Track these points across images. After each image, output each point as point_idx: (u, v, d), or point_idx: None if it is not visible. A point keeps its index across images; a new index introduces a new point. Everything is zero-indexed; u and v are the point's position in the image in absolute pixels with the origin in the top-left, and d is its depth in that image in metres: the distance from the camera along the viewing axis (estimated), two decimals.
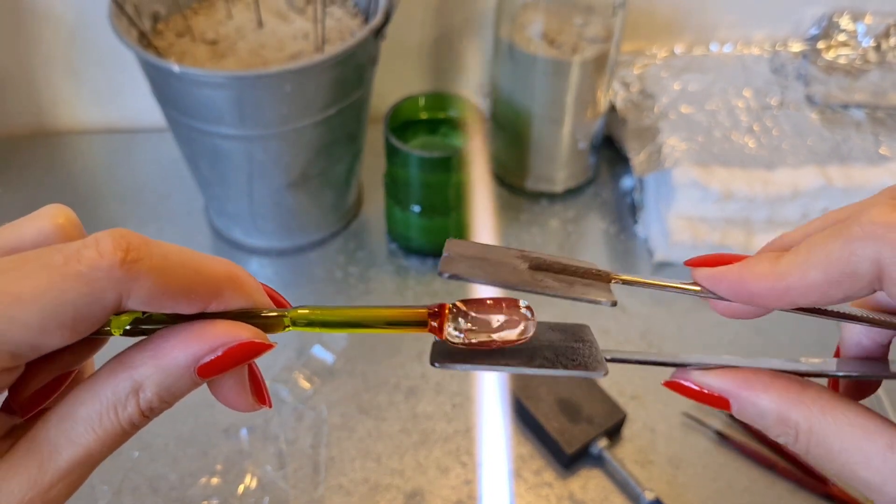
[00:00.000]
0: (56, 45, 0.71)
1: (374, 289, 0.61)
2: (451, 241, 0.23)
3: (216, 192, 0.61)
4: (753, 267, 0.22)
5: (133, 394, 0.20)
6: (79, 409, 0.20)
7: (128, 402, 0.20)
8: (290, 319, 0.22)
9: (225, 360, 0.20)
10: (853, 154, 0.62)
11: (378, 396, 0.54)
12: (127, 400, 0.20)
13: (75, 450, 0.20)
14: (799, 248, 0.21)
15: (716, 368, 0.24)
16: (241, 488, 0.49)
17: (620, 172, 0.72)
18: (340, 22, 0.59)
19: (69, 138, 0.75)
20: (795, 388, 0.22)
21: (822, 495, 0.49)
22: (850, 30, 0.73)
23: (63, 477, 0.20)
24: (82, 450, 0.20)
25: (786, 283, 0.21)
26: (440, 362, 0.22)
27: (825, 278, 0.20)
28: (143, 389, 0.20)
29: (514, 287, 0.22)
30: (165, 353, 0.20)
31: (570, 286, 0.23)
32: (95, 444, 0.20)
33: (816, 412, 0.22)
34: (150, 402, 0.20)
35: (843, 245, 0.20)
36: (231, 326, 0.21)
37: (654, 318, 0.60)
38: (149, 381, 0.20)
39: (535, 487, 0.49)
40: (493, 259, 0.22)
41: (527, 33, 0.61)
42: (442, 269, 0.21)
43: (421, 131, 0.62)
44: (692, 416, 0.53)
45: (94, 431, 0.20)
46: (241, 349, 0.21)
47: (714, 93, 0.67)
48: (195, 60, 0.55)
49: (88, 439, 0.20)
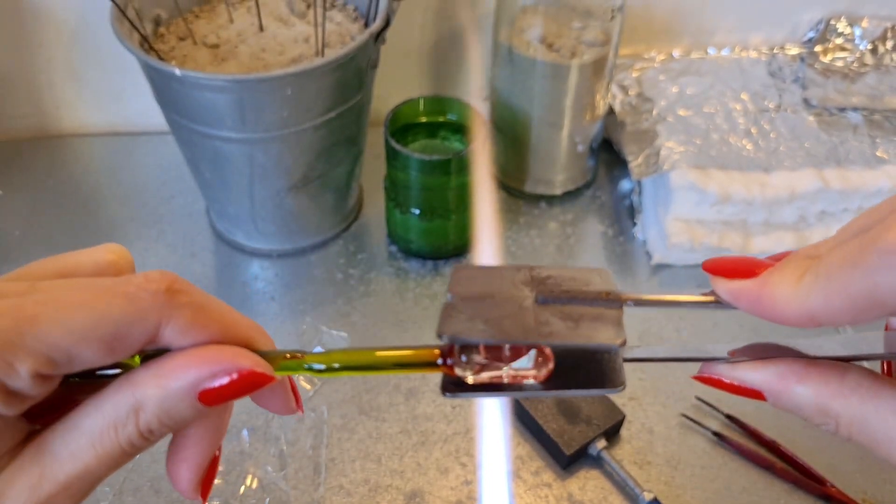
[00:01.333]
0: (58, 48, 0.71)
1: (373, 291, 0.61)
2: (456, 270, 0.22)
3: (217, 194, 0.61)
4: (774, 288, 0.21)
5: (133, 413, 0.20)
6: (83, 422, 0.20)
7: (127, 422, 0.20)
8: (306, 362, 0.22)
9: (227, 390, 0.20)
10: (850, 157, 0.63)
11: (378, 398, 0.54)
12: (127, 419, 0.20)
13: (75, 464, 0.20)
14: (819, 269, 0.20)
15: (746, 362, 0.23)
16: (242, 489, 0.49)
17: (619, 175, 0.72)
18: (341, 26, 0.60)
19: (71, 141, 0.76)
20: (835, 376, 0.21)
21: (820, 496, 0.49)
22: (846, 33, 0.73)
23: (62, 490, 0.19)
24: (82, 465, 0.20)
25: (809, 311, 0.20)
26: (451, 392, 0.22)
27: (851, 307, 0.19)
28: (144, 410, 0.20)
29: (518, 342, 0.21)
30: (168, 373, 0.20)
31: (576, 325, 0.21)
32: (94, 462, 0.20)
33: (856, 402, 0.21)
34: (149, 424, 0.20)
35: (864, 276, 0.19)
36: (237, 352, 0.20)
37: (652, 319, 0.60)
38: (149, 402, 0.20)
39: (534, 488, 0.50)
40: (497, 295, 0.21)
41: (526, 37, 0.62)
42: (440, 330, 0.20)
43: (421, 134, 0.63)
44: (690, 418, 0.53)
45: (93, 448, 0.20)
46: (242, 380, 0.20)
47: (711, 96, 0.68)
48: (196, 64, 0.56)
49: (88, 455, 0.20)
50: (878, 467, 0.51)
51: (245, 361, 0.20)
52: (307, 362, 0.22)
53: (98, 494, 0.48)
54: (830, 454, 0.52)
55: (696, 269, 0.64)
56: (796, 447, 0.52)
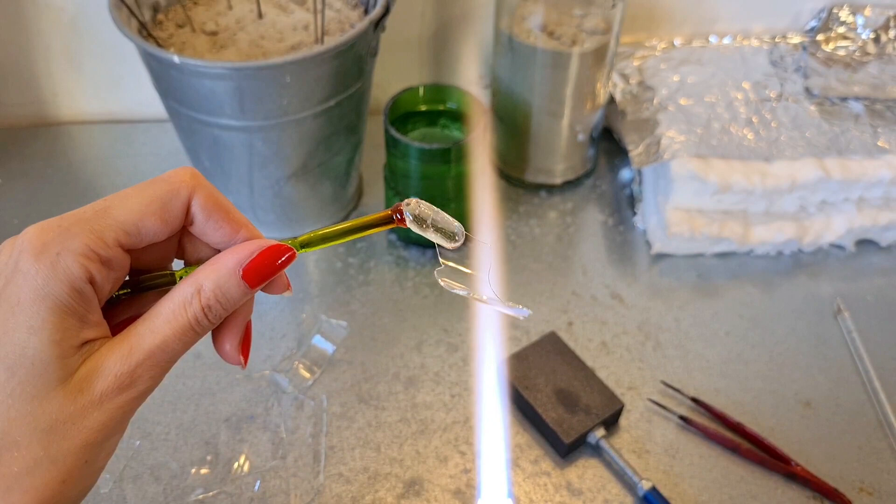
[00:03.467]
0: (56, 36, 0.71)
1: (373, 279, 0.61)
2: None
3: (216, 182, 0.61)
4: None
5: (196, 293, 0.27)
6: (159, 308, 0.27)
7: (192, 300, 0.27)
8: (298, 243, 0.29)
9: (261, 261, 0.27)
10: (851, 146, 0.62)
11: (378, 386, 0.54)
12: (192, 298, 0.27)
13: (154, 338, 0.26)
14: None
15: None
16: (241, 477, 0.49)
17: (619, 164, 0.72)
18: (340, 13, 0.59)
19: (70, 129, 0.75)
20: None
21: (785, 474, 0.50)
22: (849, 22, 0.73)
23: (147, 358, 0.26)
24: (161, 338, 0.26)
25: None
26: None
27: None
28: (203, 290, 0.27)
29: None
30: (219, 261, 0.27)
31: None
32: (170, 334, 0.26)
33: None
34: (208, 300, 0.27)
35: None
36: (263, 241, 0.28)
37: (651, 309, 0.60)
38: (207, 283, 0.27)
39: (532, 476, 0.50)
40: None
41: (526, 25, 0.61)
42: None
43: (420, 123, 0.62)
44: (656, 402, 0.53)
45: (168, 324, 0.26)
46: (271, 251, 0.28)
47: (713, 85, 0.67)
48: (195, 51, 0.55)
49: (165, 330, 0.26)
50: (875, 456, 0.51)
51: (267, 243, 0.28)
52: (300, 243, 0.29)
53: (99, 481, 0.48)
54: (808, 438, 0.52)
55: (696, 258, 0.64)
56: (763, 429, 0.52)
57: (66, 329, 0.25)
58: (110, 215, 0.26)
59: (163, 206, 0.27)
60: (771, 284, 0.62)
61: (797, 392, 0.55)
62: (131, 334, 0.26)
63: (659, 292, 0.61)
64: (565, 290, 0.61)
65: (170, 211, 0.27)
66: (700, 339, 0.58)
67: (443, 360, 0.56)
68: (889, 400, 0.54)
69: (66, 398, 0.24)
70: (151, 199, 0.27)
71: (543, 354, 0.54)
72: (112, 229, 0.26)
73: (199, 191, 0.27)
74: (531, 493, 0.49)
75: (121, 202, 0.26)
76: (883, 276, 0.63)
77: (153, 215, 0.26)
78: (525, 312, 0.29)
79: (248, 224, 0.29)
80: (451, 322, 0.58)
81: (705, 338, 0.58)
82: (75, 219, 0.25)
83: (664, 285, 0.62)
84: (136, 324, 0.27)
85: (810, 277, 0.63)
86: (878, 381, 0.55)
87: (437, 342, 0.57)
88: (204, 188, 0.28)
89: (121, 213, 0.26)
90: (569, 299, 0.61)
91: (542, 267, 0.63)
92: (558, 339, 0.55)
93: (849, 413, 0.54)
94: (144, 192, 0.27)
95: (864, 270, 0.64)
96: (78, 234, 0.25)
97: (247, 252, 0.27)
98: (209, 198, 0.28)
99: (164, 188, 0.27)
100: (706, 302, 0.61)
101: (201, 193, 0.27)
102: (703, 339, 0.58)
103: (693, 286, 0.62)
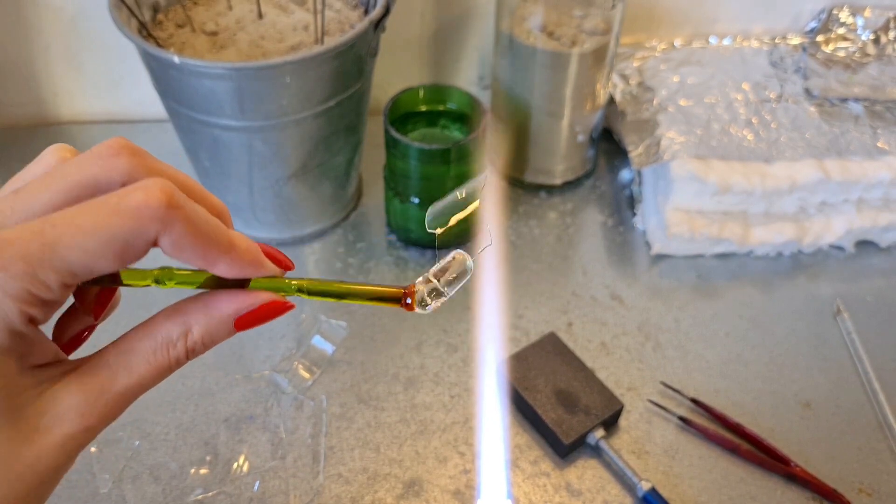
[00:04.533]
0: (56, 36, 0.71)
1: (373, 280, 0.61)
2: None
3: (216, 183, 0.61)
4: None
5: (183, 335, 0.25)
6: (137, 345, 0.24)
7: (178, 342, 0.25)
8: (295, 287, 0.26)
9: (259, 314, 0.26)
10: (851, 147, 0.63)
11: (377, 387, 0.54)
12: (178, 339, 0.25)
13: (130, 378, 0.24)
14: None
15: None
16: (241, 477, 0.49)
17: (619, 165, 0.72)
18: (340, 13, 0.59)
19: (69, 129, 0.75)
20: None
21: (784, 475, 0.50)
22: (849, 23, 0.73)
23: (118, 397, 0.24)
24: (136, 378, 0.24)
25: None
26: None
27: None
28: (192, 332, 0.25)
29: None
30: (214, 305, 0.25)
31: None
32: (147, 374, 0.24)
33: None
34: (194, 344, 0.25)
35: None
36: (266, 293, 0.26)
37: (651, 310, 0.60)
38: (197, 327, 0.25)
39: (532, 477, 0.50)
40: None
41: (526, 25, 0.61)
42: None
43: (420, 123, 0.62)
44: (656, 403, 0.53)
45: (148, 363, 0.24)
46: (271, 306, 0.26)
47: (713, 86, 0.67)
48: (195, 51, 0.55)
49: (143, 369, 0.24)
50: (874, 457, 0.51)
51: (268, 297, 0.26)
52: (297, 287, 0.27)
53: (98, 482, 0.48)
54: (811, 439, 0.52)
55: (695, 259, 0.64)
56: (762, 430, 0.52)
57: (9, 374, 0.22)
58: (58, 254, 0.21)
59: (123, 246, 0.22)
60: (771, 285, 0.62)
61: (797, 393, 0.55)
62: (101, 369, 0.24)
63: (659, 293, 0.61)
64: (565, 290, 0.61)
65: (131, 251, 0.22)
66: (700, 340, 0.58)
67: (442, 360, 0.56)
68: (888, 401, 0.54)
69: (19, 440, 0.22)
70: (111, 238, 0.22)
71: (543, 355, 0.54)
72: (58, 272, 0.21)
73: (173, 227, 0.22)
74: (531, 493, 0.49)
75: (72, 236, 0.21)
76: (882, 277, 0.63)
77: (110, 256, 0.22)
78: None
79: (231, 249, 0.24)
80: (451, 322, 0.58)
81: (705, 338, 0.58)
82: (15, 254, 0.21)
83: (664, 286, 0.62)
84: (105, 356, 0.24)
85: (810, 278, 0.63)
86: (878, 382, 0.55)
87: (437, 343, 0.57)
88: (179, 223, 0.22)
89: (71, 253, 0.21)
90: (568, 300, 0.61)
91: (541, 267, 0.63)
92: (558, 339, 0.55)
93: (848, 414, 0.54)
94: (103, 228, 0.22)
95: (863, 271, 0.64)
96: (17, 275, 0.21)
97: (246, 303, 0.25)
98: (184, 235, 0.23)
99: (128, 225, 0.22)
100: (706, 303, 0.61)
101: (175, 230, 0.22)
102: (703, 339, 0.58)
103: (693, 287, 0.62)
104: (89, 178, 0.23)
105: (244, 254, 0.25)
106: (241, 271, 0.25)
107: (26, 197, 0.23)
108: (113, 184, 0.23)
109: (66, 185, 0.23)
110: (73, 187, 0.23)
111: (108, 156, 0.23)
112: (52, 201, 0.23)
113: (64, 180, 0.23)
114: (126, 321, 0.28)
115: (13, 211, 0.23)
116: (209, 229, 0.24)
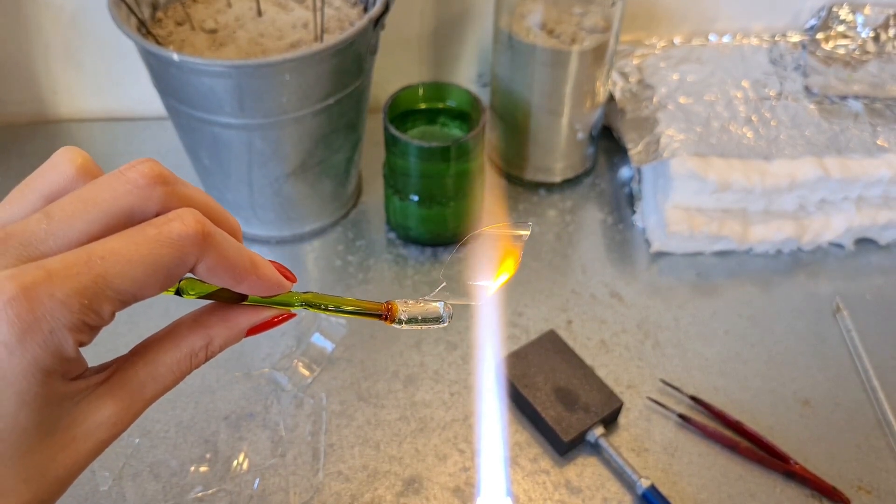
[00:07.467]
0: (56, 33, 0.71)
1: (372, 278, 0.61)
2: None
3: (216, 180, 0.61)
4: None
5: (205, 346, 0.27)
6: (163, 356, 0.26)
7: (199, 352, 0.27)
8: (302, 301, 0.29)
9: (269, 324, 0.29)
10: (851, 145, 0.63)
11: (377, 384, 0.54)
12: (200, 350, 0.27)
13: (157, 386, 0.26)
14: None
15: None
16: (241, 475, 0.49)
17: (618, 163, 0.72)
18: (340, 11, 0.59)
19: (69, 126, 0.75)
20: None
21: (784, 472, 0.50)
22: (848, 21, 0.73)
23: (145, 405, 0.26)
24: (162, 386, 0.26)
25: None
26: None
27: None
28: (213, 343, 0.27)
29: None
30: (233, 318, 0.28)
31: None
32: (172, 382, 0.27)
33: None
34: (214, 353, 0.27)
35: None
36: (278, 308, 0.29)
37: (650, 308, 0.60)
38: (217, 338, 0.27)
39: (531, 474, 0.50)
40: None
41: (526, 23, 0.61)
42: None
43: (420, 121, 0.62)
44: (655, 401, 0.53)
45: (173, 373, 0.26)
46: (283, 319, 0.29)
47: (712, 84, 0.67)
48: (194, 49, 0.55)
49: (168, 379, 0.26)
50: (873, 455, 0.51)
51: (280, 311, 0.29)
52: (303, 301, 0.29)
53: (98, 479, 0.49)
54: (809, 437, 0.52)
55: (695, 256, 0.64)
56: (761, 427, 0.52)
57: (54, 390, 0.23)
58: (111, 285, 0.23)
59: (167, 274, 0.24)
60: (770, 283, 0.62)
61: (796, 391, 0.55)
62: (131, 381, 0.26)
63: (658, 291, 0.61)
64: (564, 288, 0.61)
65: (173, 278, 0.24)
66: (699, 338, 0.58)
67: (442, 358, 0.56)
68: (888, 399, 0.54)
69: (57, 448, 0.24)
70: (157, 268, 0.23)
71: (542, 353, 0.54)
72: (111, 302, 0.23)
73: (209, 254, 0.25)
74: (530, 491, 0.49)
75: (122, 268, 0.23)
76: (882, 275, 0.63)
77: (155, 285, 0.24)
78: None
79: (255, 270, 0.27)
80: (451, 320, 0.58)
81: (704, 336, 0.58)
82: (71, 290, 0.22)
83: (663, 284, 0.62)
84: (134, 366, 0.26)
85: (809, 276, 0.63)
86: (877, 380, 0.55)
87: (437, 340, 0.57)
88: (213, 250, 0.25)
89: (122, 284, 0.23)
90: (568, 298, 0.61)
91: (541, 265, 0.63)
92: (557, 337, 0.55)
93: (847, 412, 0.54)
94: (148, 259, 0.23)
95: (863, 269, 0.64)
96: (75, 310, 0.22)
97: (263, 316, 0.28)
98: (218, 262, 0.25)
99: (171, 255, 0.24)
100: (705, 300, 0.61)
101: (210, 257, 0.25)
102: (702, 337, 0.58)
103: (692, 285, 0.62)
104: (125, 209, 0.24)
105: (269, 276, 0.28)
106: (269, 290, 0.28)
107: (61, 224, 0.24)
108: (148, 214, 0.25)
109: (103, 215, 0.24)
110: (109, 218, 0.24)
111: (143, 186, 0.24)
112: (89, 231, 0.24)
113: (99, 209, 0.24)
114: (125, 321, 0.28)
115: (48, 235, 0.23)
116: (235, 253, 0.26)
